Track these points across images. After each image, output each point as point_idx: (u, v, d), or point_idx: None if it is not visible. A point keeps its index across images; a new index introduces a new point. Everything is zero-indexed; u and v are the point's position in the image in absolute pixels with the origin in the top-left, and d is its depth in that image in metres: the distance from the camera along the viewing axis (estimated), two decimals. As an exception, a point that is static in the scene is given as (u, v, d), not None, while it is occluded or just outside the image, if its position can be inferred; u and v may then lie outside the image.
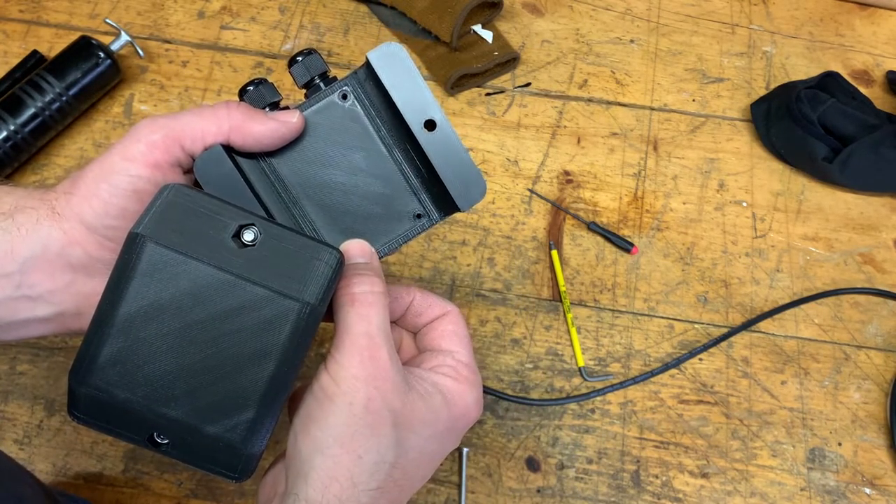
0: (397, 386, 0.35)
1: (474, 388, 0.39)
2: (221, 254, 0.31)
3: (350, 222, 0.41)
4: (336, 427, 0.33)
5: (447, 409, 0.37)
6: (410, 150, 0.41)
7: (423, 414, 0.36)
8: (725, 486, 0.62)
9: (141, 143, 0.37)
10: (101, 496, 0.59)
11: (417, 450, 0.36)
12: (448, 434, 0.38)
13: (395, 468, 0.34)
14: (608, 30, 0.85)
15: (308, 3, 0.84)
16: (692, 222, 0.73)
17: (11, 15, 0.81)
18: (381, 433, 0.34)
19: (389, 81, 0.40)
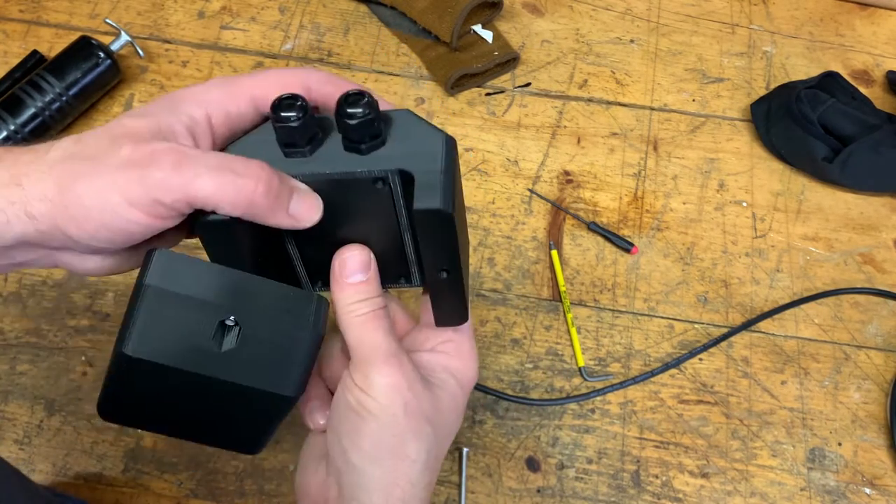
0: (423, 387, 0.37)
1: (475, 358, 0.42)
2: (204, 358, 0.34)
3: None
4: (386, 438, 0.36)
5: (461, 389, 0.40)
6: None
7: (446, 402, 0.39)
8: (725, 486, 0.62)
9: (150, 195, 0.31)
10: (101, 496, 0.59)
11: (448, 432, 0.39)
12: (463, 406, 0.41)
13: (436, 457, 0.38)
14: (608, 30, 0.85)
15: (308, 3, 0.84)
16: (692, 222, 0.73)
17: (11, 15, 0.81)
18: (424, 433, 0.37)
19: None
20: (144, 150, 0.32)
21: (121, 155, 0.32)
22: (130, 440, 0.61)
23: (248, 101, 0.36)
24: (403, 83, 0.80)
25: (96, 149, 0.32)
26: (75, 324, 0.66)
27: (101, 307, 0.66)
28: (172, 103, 0.35)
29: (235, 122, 0.36)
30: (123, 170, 0.31)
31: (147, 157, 0.32)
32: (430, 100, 0.79)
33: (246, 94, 0.36)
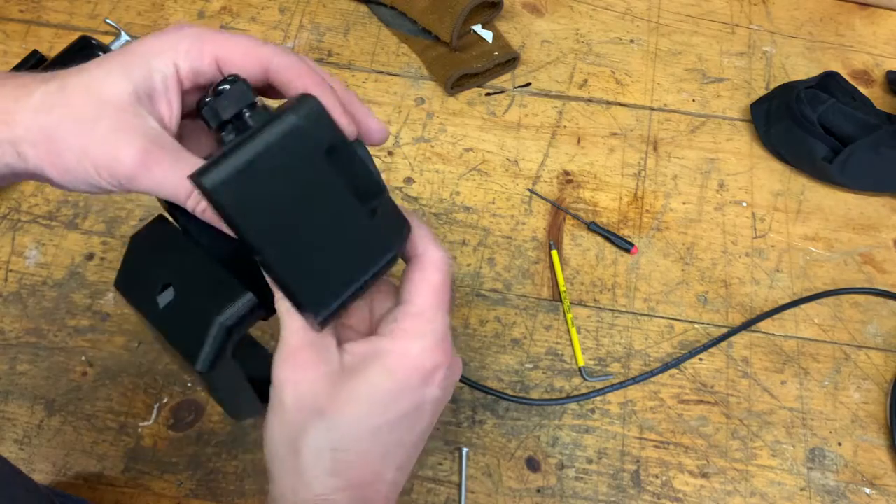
0: (323, 380, 0.35)
1: (418, 339, 0.35)
2: (151, 306, 0.37)
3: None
4: (276, 431, 0.36)
5: (385, 376, 0.35)
6: None
7: (357, 392, 0.35)
8: (725, 485, 0.62)
9: (134, 152, 0.34)
10: (101, 496, 0.59)
11: (359, 425, 0.35)
12: (400, 396, 0.35)
13: (339, 451, 0.35)
14: (608, 30, 0.85)
15: (308, 3, 0.84)
16: (692, 222, 0.73)
17: (11, 15, 0.81)
18: (310, 427, 0.34)
19: None
20: (125, 139, 0.34)
21: (105, 127, 0.34)
22: (130, 440, 0.61)
23: (212, 61, 0.36)
24: (403, 83, 0.80)
25: (81, 111, 0.34)
26: (75, 324, 0.66)
27: (101, 307, 0.66)
28: (145, 58, 0.35)
29: (199, 78, 0.36)
30: (106, 150, 0.34)
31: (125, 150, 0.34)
32: (430, 100, 0.79)
33: (211, 54, 0.36)
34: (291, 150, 0.32)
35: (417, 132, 0.77)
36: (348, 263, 0.33)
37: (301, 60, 0.36)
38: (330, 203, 0.33)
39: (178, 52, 0.35)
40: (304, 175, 0.32)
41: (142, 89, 0.35)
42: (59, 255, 0.69)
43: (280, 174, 0.31)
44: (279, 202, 0.32)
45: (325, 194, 0.32)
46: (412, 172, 0.75)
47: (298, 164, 0.32)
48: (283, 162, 0.31)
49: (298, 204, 0.32)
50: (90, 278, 0.68)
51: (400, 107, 0.78)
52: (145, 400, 0.63)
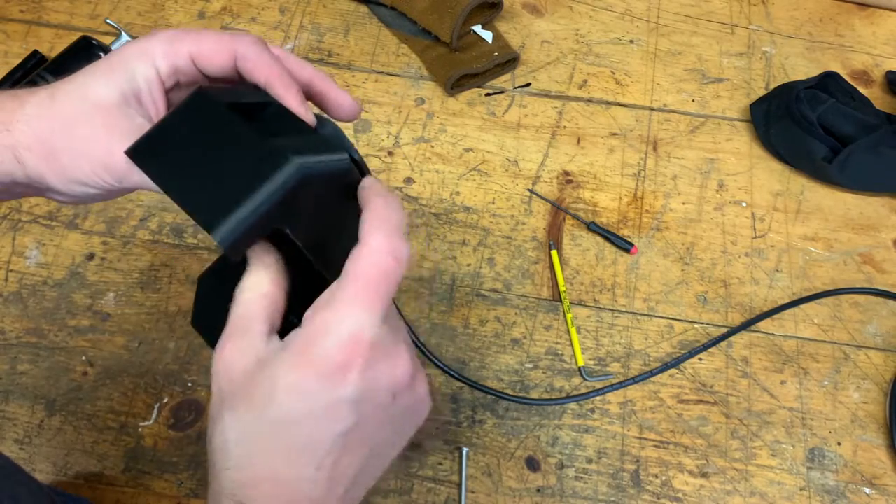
0: (240, 370, 0.34)
1: (322, 334, 0.33)
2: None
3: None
4: (209, 423, 0.36)
5: (287, 369, 0.33)
6: None
7: (263, 384, 0.33)
8: (725, 485, 0.62)
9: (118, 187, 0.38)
10: (101, 496, 0.59)
11: (263, 421, 0.33)
12: (303, 394, 0.33)
13: (241, 445, 0.33)
14: (608, 30, 0.85)
15: (308, 4, 0.84)
16: (692, 222, 0.74)
17: (12, 15, 0.81)
18: (220, 418, 0.34)
19: None
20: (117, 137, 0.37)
21: (97, 128, 0.37)
22: (130, 440, 0.61)
23: (187, 58, 0.38)
24: (403, 83, 0.80)
25: (73, 116, 0.37)
26: (75, 324, 0.66)
27: (101, 307, 0.67)
28: (126, 64, 0.38)
29: (180, 75, 0.39)
30: (100, 148, 0.37)
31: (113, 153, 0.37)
32: (430, 100, 0.79)
33: (186, 52, 0.38)
34: (195, 112, 0.35)
35: (417, 132, 0.77)
36: (247, 184, 0.33)
37: (262, 51, 0.38)
38: (228, 142, 0.34)
39: (155, 55, 0.38)
40: (206, 127, 0.35)
41: (128, 92, 0.38)
42: (59, 255, 0.69)
43: (185, 131, 0.35)
44: (186, 152, 0.34)
45: (224, 137, 0.34)
46: (412, 172, 0.75)
47: (200, 121, 0.35)
48: (187, 121, 0.35)
49: (202, 151, 0.34)
50: (90, 278, 0.68)
51: (400, 107, 0.78)
52: (145, 400, 0.63)
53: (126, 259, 0.69)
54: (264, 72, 0.38)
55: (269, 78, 0.38)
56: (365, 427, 0.35)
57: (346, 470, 0.35)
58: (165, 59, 0.38)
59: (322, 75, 0.41)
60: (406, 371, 0.36)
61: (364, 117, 0.78)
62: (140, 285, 0.68)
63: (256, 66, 0.38)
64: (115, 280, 0.68)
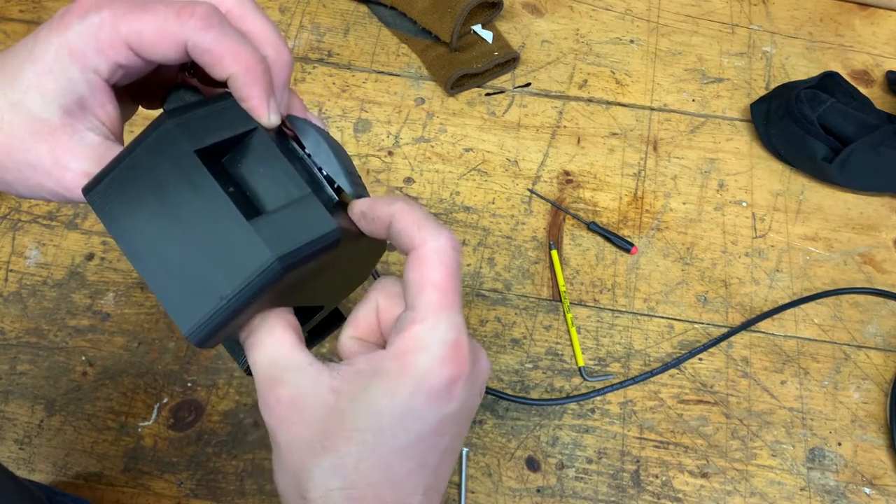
0: (313, 412, 0.31)
1: (421, 352, 0.30)
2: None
3: None
4: (278, 473, 0.33)
5: (388, 399, 0.30)
6: None
7: (358, 421, 0.30)
8: (725, 485, 0.62)
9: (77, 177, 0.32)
10: (101, 496, 0.59)
11: (367, 458, 0.31)
12: (407, 418, 0.30)
13: (349, 488, 0.31)
14: (608, 30, 0.85)
15: (308, 3, 0.84)
16: (692, 222, 0.74)
17: (12, 15, 0.81)
18: (312, 467, 0.31)
19: None
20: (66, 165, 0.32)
21: (43, 154, 0.32)
22: (130, 440, 0.61)
23: (126, 50, 0.31)
24: (403, 83, 0.80)
25: (9, 144, 0.32)
26: (75, 324, 0.66)
27: (101, 307, 0.66)
28: (60, 71, 0.31)
29: (127, 69, 0.33)
30: (51, 178, 0.32)
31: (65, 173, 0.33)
32: (430, 100, 0.79)
33: (122, 42, 0.31)
34: (162, 155, 0.30)
35: (417, 132, 0.77)
36: (217, 277, 0.29)
37: (218, 38, 0.31)
38: (199, 209, 0.30)
39: (88, 55, 0.31)
40: (175, 179, 0.30)
41: (69, 104, 0.32)
42: (59, 255, 0.69)
43: (149, 182, 0.30)
44: (149, 211, 0.30)
45: (195, 201, 0.30)
46: (412, 172, 0.75)
47: (167, 170, 0.30)
48: (152, 169, 0.30)
49: (168, 212, 0.30)
50: (90, 278, 0.68)
51: (400, 107, 0.78)
52: (145, 400, 0.63)
53: (126, 259, 0.69)
54: (225, 68, 0.31)
55: (231, 75, 0.32)
56: (461, 433, 0.34)
57: (442, 481, 0.34)
58: (102, 59, 0.31)
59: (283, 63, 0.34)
60: (488, 365, 0.34)
61: (364, 117, 0.78)
62: (140, 285, 0.68)
63: (216, 60, 0.31)
64: (115, 280, 0.68)
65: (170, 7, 0.31)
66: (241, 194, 0.31)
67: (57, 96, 0.32)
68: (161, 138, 0.30)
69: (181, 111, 0.31)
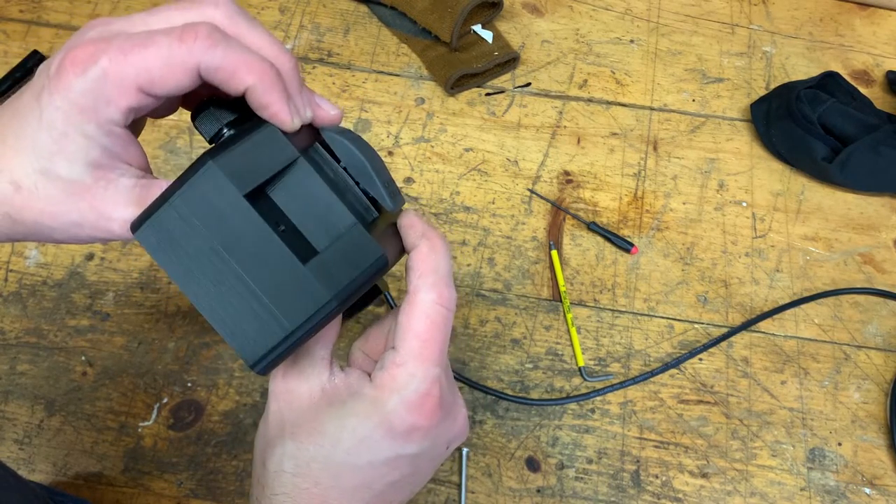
0: (302, 400, 0.35)
1: (394, 393, 0.33)
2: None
3: None
4: (258, 439, 0.37)
5: (355, 422, 0.34)
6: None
7: (326, 426, 0.34)
8: (725, 486, 0.62)
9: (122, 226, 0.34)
10: (102, 496, 0.59)
11: (319, 461, 0.34)
12: (366, 447, 0.34)
13: (298, 476, 0.34)
14: (608, 30, 0.85)
15: (308, 3, 0.84)
16: (692, 222, 0.73)
17: (12, 15, 0.81)
18: (279, 443, 0.35)
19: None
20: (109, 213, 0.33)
21: (83, 214, 0.33)
22: (130, 440, 0.61)
23: (137, 94, 0.31)
24: (403, 83, 0.80)
25: (50, 210, 0.33)
26: (75, 324, 0.66)
27: (101, 307, 0.66)
28: (76, 133, 0.32)
29: (143, 109, 0.33)
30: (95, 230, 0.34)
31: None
32: (430, 100, 0.79)
33: (133, 87, 0.31)
34: (210, 201, 0.30)
35: (417, 132, 0.77)
36: (277, 316, 0.31)
37: (232, 51, 0.31)
38: (256, 254, 0.31)
39: (100, 111, 0.31)
40: (226, 227, 0.31)
41: (95, 160, 0.33)
42: (59, 255, 0.69)
43: (201, 226, 0.31)
44: (203, 249, 0.31)
45: (248, 239, 0.31)
46: (412, 172, 0.75)
47: (219, 217, 0.31)
48: (202, 214, 0.30)
49: (224, 250, 0.31)
50: (90, 278, 0.68)
51: (400, 107, 0.78)
52: (145, 400, 0.63)
53: (126, 259, 0.69)
54: (239, 81, 0.32)
55: (248, 87, 0.32)
56: (417, 474, 0.37)
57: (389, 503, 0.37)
58: (114, 109, 0.31)
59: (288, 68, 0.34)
60: (463, 426, 0.38)
61: (364, 117, 0.78)
62: (140, 285, 0.68)
63: (229, 76, 0.31)
64: (115, 280, 0.68)
65: (170, 35, 0.30)
66: (291, 230, 0.32)
67: (81, 156, 0.32)
68: (207, 183, 0.30)
69: (221, 149, 0.31)
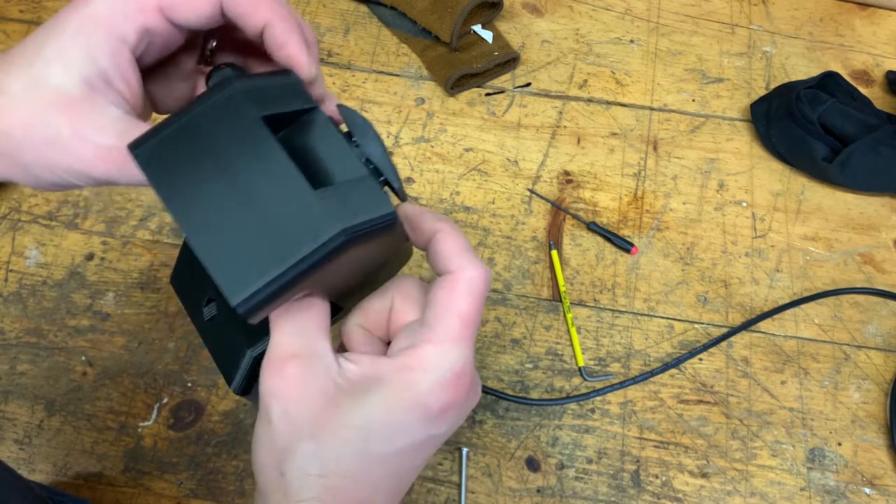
0: (314, 397, 0.32)
1: (430, 373, 0.31)
2: (198, 317, 0.38)
3: None
4: (261, 445, 0.33)
5: (384, 408, 0.31)
6: None
7: (351, 419, 0.31)
8: (725, 485, 0.62)
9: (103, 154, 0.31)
10: (101, 496, 0.59)
11: (350, 455, 0.32)
12: (397, 431, 0.32)
13: (327, 477, 0.32)
14: (608, 30, 0.85)
15: (308, 3, 0.84)
16: (692, 222, 0.74)
17: (12, 15, 0.81)
18: (299, 448, 0.31)
19: None
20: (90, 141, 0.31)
21: (65, 132, 0.31)
22: (130, 440, 0.61)
23: (157, 13, 0.31)
24: (403, 83, 0.80)
25: (28, 119, 0.31)
26: (75, 324, 0.66)
27: (101, 307, 0.66)
28: (85, 40, 0.30)
29: (153, 37, 0.32)
30: (74, 157, 0.31)
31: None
32: (430, 100, 0.79)
33: (155, 6, 0.31)
34: (226, 118, 0.29)
35: (417, 132, 0.77)
36: (278, 244, 0.28)
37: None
38: (263, 175, 0.29)
39: (116, 21, 0.31)
40: (237, 145, 0.29)
41: (92, 77, 0.31)
42: (59, 256, 0.69)
43: (209, 144, 0.29)
44: (207, 173, 0.28)
45: (259, 168, 0.29)
46: (412, 172, 0.75)
47: (230, 134, 0.29)
48: (214, 131, 0.29)
49: (228, 176, 0.28)
50: (90, 278, 0.68)
51: (400, 107, 0.78)
52: (145, 400, 0.63)
53: (126, 259, 0.69)
54: (261, 16, 0.31)
55: (267, 23, 0.31)
56: (433, 452, 0.35)
57: (406, 488, 0.35)
58: (130, 24, 0.31)
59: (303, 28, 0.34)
60: (479, 397, 0.35)
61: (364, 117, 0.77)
62: (140, 285, 0.68)
63: (250, 7, 0.31)
64: (115, 280, 0.68)
65: None
66: (302, 165, 0.30)
67: (79, 66, 0.30)
68: (226, 101, 0.29)
69: (245, 79, 0.30)
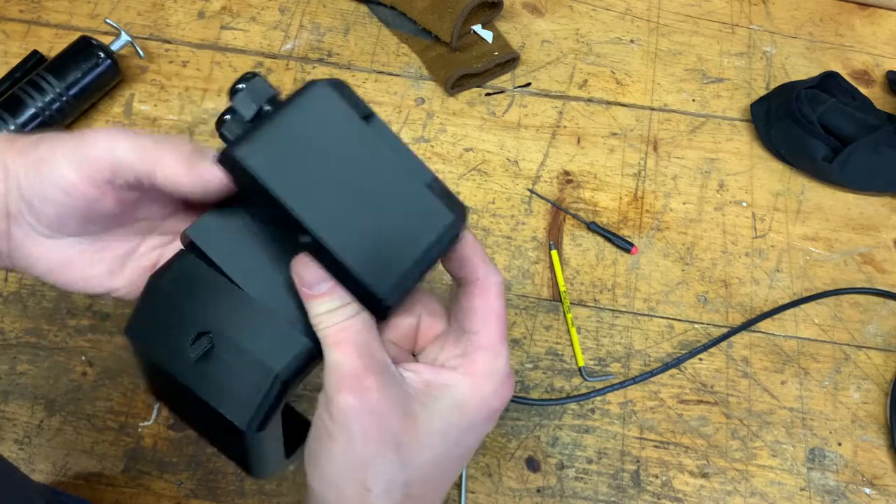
0: (394, 408, 0.33)
1: (490, 377, 0.35)
2: (180, 361, 0.32)
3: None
4: (340, 463, 0.33)
5: (458, 412, 0.34)
6: None
7: (431, 425, 0.34)
8: (725, 485, 0.62)
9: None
10: (101, 496, 0.59)
11: (431, 461, 0.34)
12: (468, 432, 0.35)
13: (410, 486, 0.34)
14: (608, 30, 0.85)
15: (308, 3, 0.84)
16: (692, 222, 0.74)
17: (11, 15, 0.81)
18: (385, 460, 0.33)
19: None
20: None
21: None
22: (130, 440, 0.61)
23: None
24: (403, 83, 0.80)
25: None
26: (75, 324, 0.66)
27: (101, 307, 0.66)
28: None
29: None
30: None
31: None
32: (430, 100, 0.79)
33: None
34: (326, 116, 0.28)
35: (417, 132, 0.77)
36: (407, 238, 0.28)
37: None
38: (377, 172, 0.28)
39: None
40: (345, 142, 0.28)
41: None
42: (59, 255, 0.69)
43: (317, 142, 0.28)
44: (321, 172, 0.27)
45: (370, 162, 0.28)
46: (412, 172, 0.75)
47: (336, 131, 0.28)
48: (319, 129, 0.28)
49: (343, 173, 0.27)
50: (90, 278, 0.68)
51: (400, 107, 0.78)
52: (145, 400, 0.63)
53: (126, 259, 0.69)
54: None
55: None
56: None
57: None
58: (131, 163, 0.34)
59: None
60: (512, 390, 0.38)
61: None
62: (140, 285, 0.68)
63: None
64: (115, 280, 0.68)
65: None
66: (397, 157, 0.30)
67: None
68: (322, 103, 0.28)
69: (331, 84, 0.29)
